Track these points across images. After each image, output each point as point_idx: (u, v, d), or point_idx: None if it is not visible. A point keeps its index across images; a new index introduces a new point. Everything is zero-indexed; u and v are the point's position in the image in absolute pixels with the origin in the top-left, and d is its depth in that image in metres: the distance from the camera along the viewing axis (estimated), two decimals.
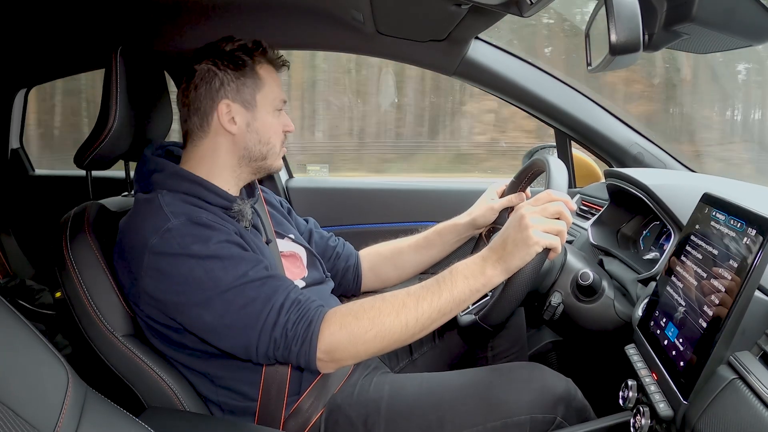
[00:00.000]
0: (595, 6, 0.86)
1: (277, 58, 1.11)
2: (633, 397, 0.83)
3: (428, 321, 0.89)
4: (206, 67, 1.05)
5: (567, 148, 1.70)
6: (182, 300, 0.91)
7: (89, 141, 1.12)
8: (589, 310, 1.09)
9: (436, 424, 1.00)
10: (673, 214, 1.02)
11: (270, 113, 1.09)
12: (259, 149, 1.09)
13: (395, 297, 0.90)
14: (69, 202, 1.14)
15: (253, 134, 1.08)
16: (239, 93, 1.06)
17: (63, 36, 1.71)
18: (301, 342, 0.87)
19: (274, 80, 1.10)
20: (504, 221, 1.34)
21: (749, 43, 0.78)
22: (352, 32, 1.51)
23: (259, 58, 1.08)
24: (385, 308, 0.89)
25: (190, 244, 0.91)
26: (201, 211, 0.98)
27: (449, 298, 0.89)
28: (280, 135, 1.11)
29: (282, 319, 0.88)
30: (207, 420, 1.00)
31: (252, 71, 1.07)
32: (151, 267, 0.92)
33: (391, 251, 1.40)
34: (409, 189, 1.85)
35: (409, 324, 0.88)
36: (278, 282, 0.93)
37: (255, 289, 0.90)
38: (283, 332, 0.88)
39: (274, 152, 1.11)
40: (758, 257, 0.63)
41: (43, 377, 0.64)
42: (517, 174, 1.33)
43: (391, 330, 0.88)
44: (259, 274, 0.92)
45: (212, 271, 0.90)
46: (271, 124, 1.09)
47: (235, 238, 0.97)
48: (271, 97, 1.09)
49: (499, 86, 1.59)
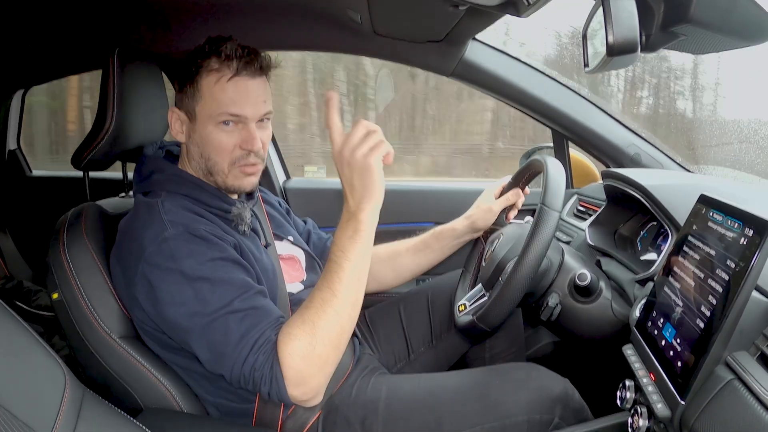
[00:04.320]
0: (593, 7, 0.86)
1: (238, 64, 0.99)
2: (630, 397, 0.83)
3: (351, 294, 0.89)
4: (175, 71, 1.04)
5: (564, 148, 1.70)
6: (168, 316, 0.91)
7: (86, 142, 1.12)
8: (587, 310, 1.09)
9: (433, 425, 1.00)
10: (670, 214, 1.03)
11: (212, 126, 1.01)
12: (204, 164, 1.04)
13: (311, 299, 0.89)
14: (66, 203, 1.14)
15: (195, 146, 1.04)
16: (182, 101, 1.03)
17: (60, 37, 1.70)
18: (270, 383, 0.86)
19: (221, 90, 0.99)
20: (501, 221, 1.35)
21: (747, 44, 0.78)
22: (350, 33, 1.52)
23: (207, 64, 0.99)
24: (311, 314, 0.87)
25: (184, 258, 0.90)
26: (200, 221, 0.97)
27: (350, 262, 0.88)
28: (225, 151, 1.02)
29: (251, 358, 0.86)
30: (204, 421, 0.99)
31: (192, 81, 1.01)
32: (144, 276, 0.92)
33: (389, 254, 1.40)
34: (408, 189, 1.85)
35: (339, 310, 0.88)
36: (259, 316, 0.89)
37: (237, 322, 0.88)
38: (251, 371, 0.86)
39: (218, 170, 1.03)
40: (755, 258, 0.63)
41: (41, 379, 0.64)
42: (514, 175, 1.33)
43: (330, 328, 0.87)
44: (244, 304, 0.89)
45: (200, 292, 0.89)
46: (212, 139, 1.01)
47: (231, 254, 0.95)
48: (212, 110, 1.00)
49: (497, 87, 1.59)
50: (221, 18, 1.52)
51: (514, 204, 1.36)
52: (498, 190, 1.35)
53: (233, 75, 0.99)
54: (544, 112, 1.60)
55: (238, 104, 0.99)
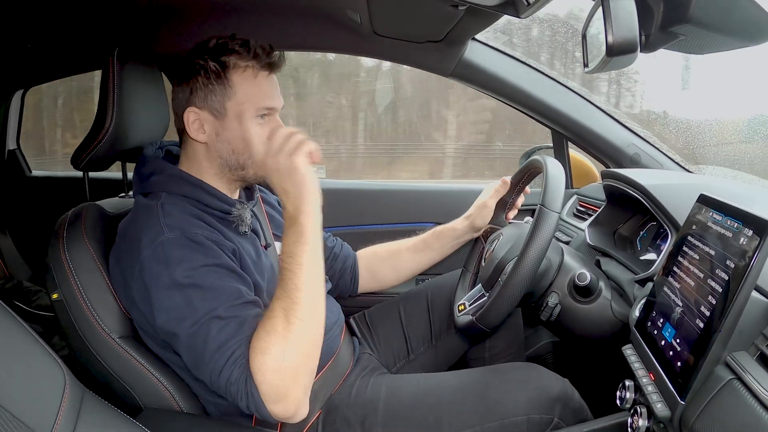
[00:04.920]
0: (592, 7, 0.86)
1: (266, 60, 1.02)
2: (630, 397, 0.83)
3: (311, 298, 0.87)
4: (184, 70, 1.02)
5: (564, 148, 1.70)
6: (159, 320, 0.91)
7: (86, 142, 1.12)
8: (587, 310, 1.09)
9: (433, 425, 1.00)
10: (670, 214, 1.03)
11: (247, 121, 1.01)
12: (235, 159, 1.03)
13: (272, 310, 0.87)
14: (66, 203, 1.14)
15: (224, 144, 1.03)
16: (206, 100, 1.01)
17: (60, 37, 1.70)
18: (246, 398, 0.84)
19: (254, 85, 1.01)
20: (501, 221, 1.35)
21: (746, 44, 0.78)
22: (349, 33, 1.51)
23: (235, 60, 1.00)
24: (275, 324, 0.85)
25: (177, 264, 0.89)
26: (198, 225, 0.96)
27: (302, 267, 0.88)
28: (263, 143, 1.00)
29: (226, 372, 0.85)
30: (204, 421, 0.99)
31: (222, 77, 1.00)
32: (140, 278, 0.92)
33: (389, 253, 1.40)
34: (408, 189, 1.85)
35: (303, 317, 0.85)
36: (240, 327, 0.87)
37: (217, 330, 0.86)
38: (226, 385, 0.85)
39: (253, 162, 1.04)
40: (755, 258, 0.63)
41: (40, 379, 0.64)
42: (514, 175, 1.33)
43: (297, 338, 0.84)
44: (229, 312, 0.88)
45: (190, 299, 0.88)
46: (251, 134, 1.01)
47: (225, 261, 0.93)
48: (247, 105, 1.01)
49: (497, 87, 1.59)
50: (221, 18, 1.52)
51: (514, 204, 1.36)
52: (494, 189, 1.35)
53: (262, 70, 1.02)
54: (543, 112, 1.60)
55: (270, 97, 1.03)
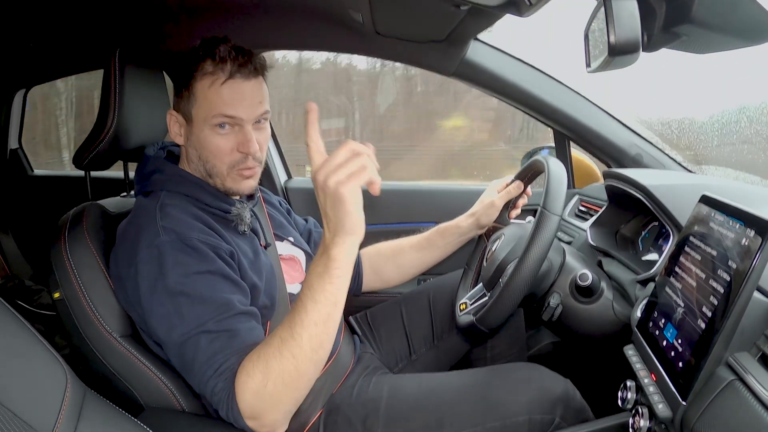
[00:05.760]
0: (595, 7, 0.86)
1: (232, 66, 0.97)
2: (632, 397, 0.83)
3: (312, 339, 0.80)
4: (173, 73, 1.04)
5: (566, 148, 1.70)
6: (149, 324, 0.92)
7: (88, 141, 1.12)
8: (588, 311, 1.09)
9: (435, 425, 1.00)
10: (671, 215, 1.03)
11: (208, 130, 1.00)
12: (203, 166, 1.04)
13: (272, 336, 0.83)
14: (68, 202, 1.14)
15: (193, 150, 1.04)
16: (180, 105, 1.03)
17: (62, 36, 1.71)
18: (226, 409, 0.84)
19: (215, 92, 0.98)
20: (505, 220, 1.35)
21: (748, 44, 0.78)
22: (352, 33, 1.51)
23: (201, 67, 0.98)
24: (267, 352, 0.82)
25: (170, 269, 0.89)
26: (196, 227, 0.95)
27: (316, 305, 0.80)
28: (223, 155, 1.01)
29: (212, 382, 0.85)
30: (205, 420, 0.99)
31: (187, 84, 1.00)
32: (135, 280, 0.92)
33: (393, 251, 1.40)
34: (410, 189, 1.84)
35: (297, 354, 0.80)
36: (230, 341, 0.86)
37: (207, 342, 0.86)
38: (211, 394, 0.85)
39: (216, 172, 1.03)
40: (757, 258, 0.63)
41: (42, 378, 0.64)
42: (516, 175, 1.33)
43: (283, 371, 0.80)
44: (218, 326, 0.87)
45: (180, 307, 0.88)
46: (209, 143, 1.01)
47: (219, 267, 0.92)
48: (206, 113, 0.99)
49: (498, 87, 1.59)
50: (222, 18, 1.52)
51: (517, 203, 1.36)
52: (501, 186, 1.35)
53: (227, 78, 0.98)
54: (545, 112, 1.60)
55: (232, 106, 0.98)
